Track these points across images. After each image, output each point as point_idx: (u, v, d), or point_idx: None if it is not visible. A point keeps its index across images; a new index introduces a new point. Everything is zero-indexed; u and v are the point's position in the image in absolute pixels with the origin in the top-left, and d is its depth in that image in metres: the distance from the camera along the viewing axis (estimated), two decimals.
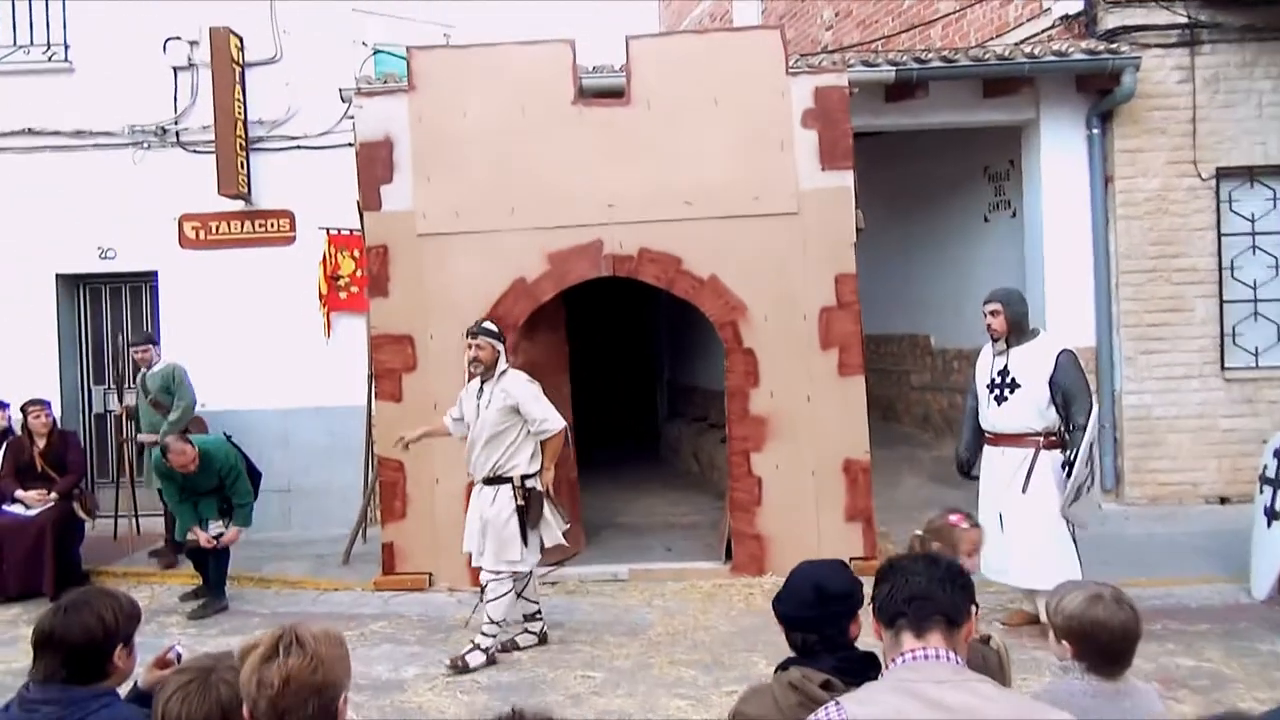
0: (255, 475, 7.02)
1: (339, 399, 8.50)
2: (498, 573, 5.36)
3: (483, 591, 5.46)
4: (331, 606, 6.66)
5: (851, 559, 6.46)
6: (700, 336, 10.13)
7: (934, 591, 2.06)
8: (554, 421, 5.38)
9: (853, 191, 6.85)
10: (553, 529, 5.48)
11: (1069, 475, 5.23)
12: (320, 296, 8.63)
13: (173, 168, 8.84)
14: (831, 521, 6.75)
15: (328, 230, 8.58)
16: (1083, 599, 2.38)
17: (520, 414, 5.34)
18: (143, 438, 7.80)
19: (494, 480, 5.36)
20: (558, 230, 6.92)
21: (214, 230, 8.87)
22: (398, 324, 7.00)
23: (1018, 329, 5.47)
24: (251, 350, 8.73)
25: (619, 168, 6.90)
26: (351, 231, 8.45)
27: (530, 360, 7.19)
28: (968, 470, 5.72)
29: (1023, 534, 5.30)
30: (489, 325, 5.50)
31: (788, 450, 6.81)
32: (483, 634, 5.39)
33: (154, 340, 8.04)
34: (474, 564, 5.57)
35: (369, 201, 7.06)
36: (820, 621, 2.36)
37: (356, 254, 8.53)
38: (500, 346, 5.44)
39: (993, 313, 5.47)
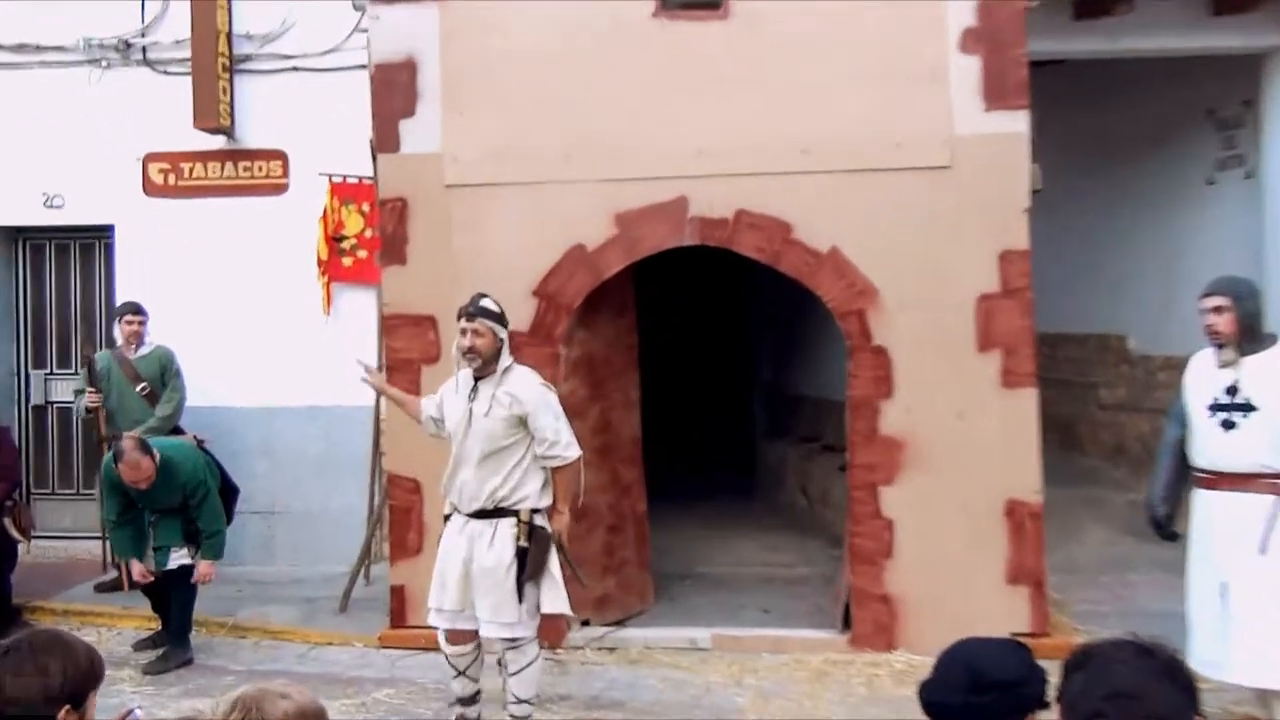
0: (231, 493, 7.12)
1: (340, 397, 8.59)
2: (514, 639, 5.30)
3: (499, 663, 5.44)
4: (324, 666, 6.71)
5: (1012, 634, 6.29)
6: (814, 330, 10.03)
7: (1145, 688, 2.04)
8: (568, 447, 5.28)
9: (1027, 140, 6.71)
10: (558, 590, 5.34)
11: None
12: (319, 263, 8.74)
13: (137, 93, 9.01)
14: (987, 583, 6.62)
15: (330, 177, 8.67)
16: None
17: (527, 427, 5.26)
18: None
19: (490, 514, 5.27)
20: (628, 184, 6.90)
21: (186, 174, 9.02)
22: (417, 301, 7.04)
23: (1250, 333, 5.31)
24: (230, 329, 8.89)
25: (712, 103, 6.85)
26: (361, 180, 8.52)
27: (588, 354, 7.17)
28: (1165, 526, 5.56)
29: (1257, 613, 5.10)
30: (489, 303, 5.39)
31: (930, 485, 6.70)
32: (514, 717, 5.41)
33: (144, 311, 8.19)
34: (444, 624, 5.43)
35: (385, 141, 7.10)
36: (971, 716, 2.36)
37: (366, 209, 8.61)
38: (504, 334, 5.35)
39: (1216, 309, 5.32)
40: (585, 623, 6.00)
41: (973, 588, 6.61)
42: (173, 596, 6.81)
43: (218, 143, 8.90)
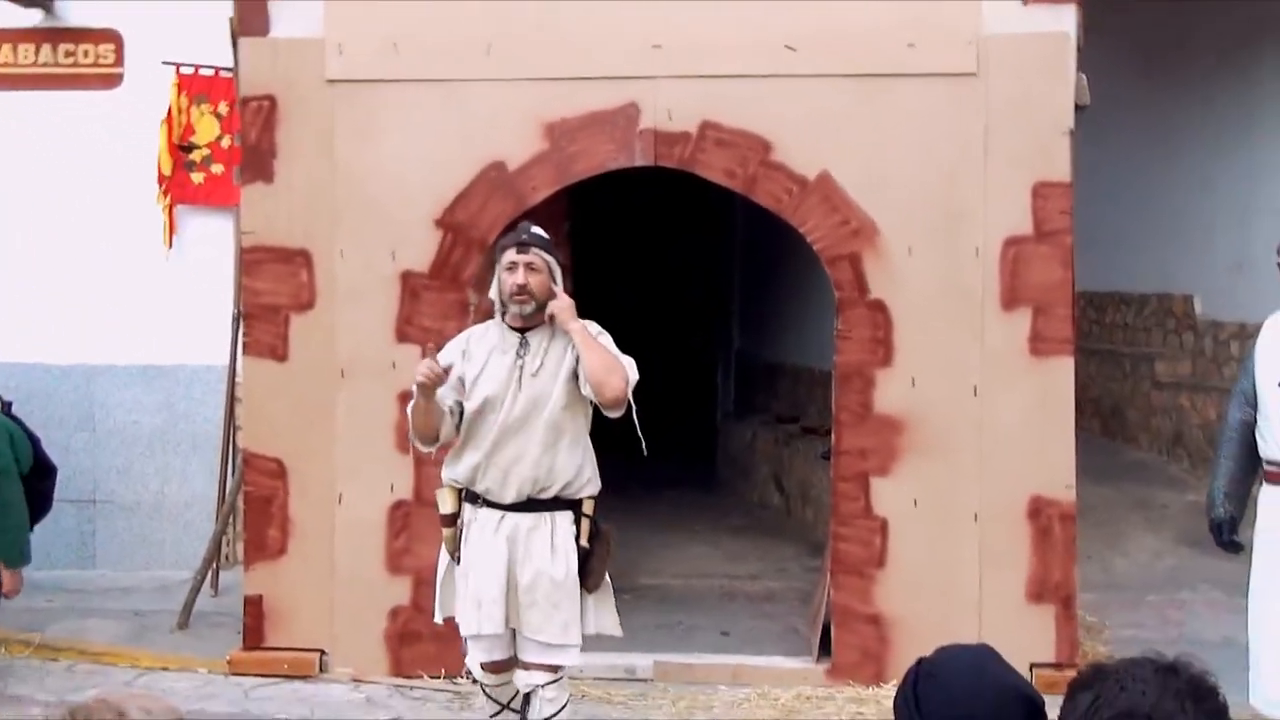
0: (47, 473, 6.98)
1: (183, 353, 8.58)
2: (557, 668, 5.23)
3: (526, 703, 5.31)
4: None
5: (1034, 666, 6.41)
6: (796, 280, 10.08)
7: (1164, 711, 2.10)
8: (631, 365, 5.20)
9: (1074, 43, 6.77)
10: (609, 604, 5.36)
11: None
12: (160, 179, 8.68)
13: None
14: (1004, 600, 6.71)
15: (177, 68, 8.61)
16: None
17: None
18: None
19: (540, 505, 5.20)
20: (562, 85, 6.89)
21: None
22: (287, 230, 7.01)
23: None
24: (42, 263, 8.81)
25: None
26: (217, 72, 8.48)
27: None
28: (1229, 532, 5.65)
29: None
30: (540, 231, 5.29)
31: (935, 477, 6.78)
32: None
33: None
34: (484, 655, 5.30)
35: (249, 21, 7.05)
36: None
37: (224, 110, 8.55)
38: (559, 272, 5.25)
39: None
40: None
41: (986, 606, 6.68)
42: None
43: (32, 19, 8.79)
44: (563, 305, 5.13)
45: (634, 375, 5.14)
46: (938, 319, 6.79)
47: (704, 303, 13.81)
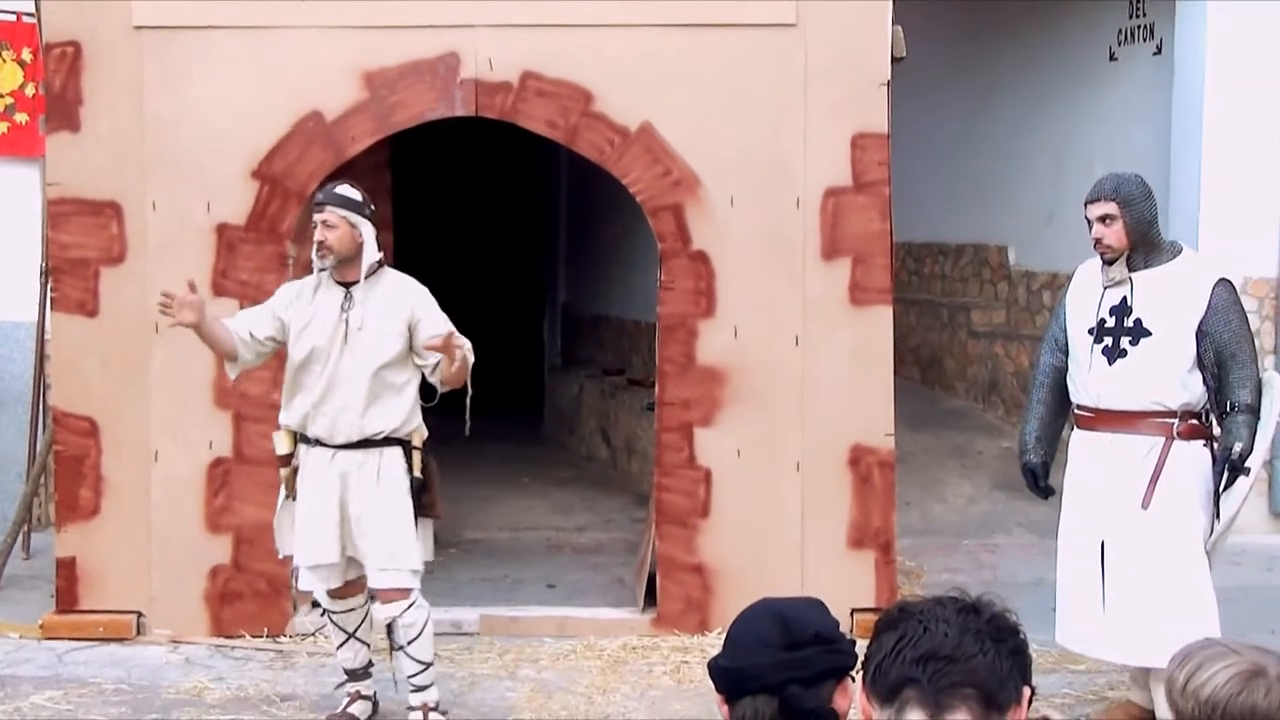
0: None
1: None
2: (407, 590, 5.58)
3: (389, 631, 5.64)
4: None
5: (855, 611, 6.55)
6: (621, 232, 10.10)
7: (966, 650, 2.15)
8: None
9: None
10: (429, 535, 5.76)
11: (1225, 486, 5.32)
12: None
13: None
14: (826, 547, 6.82)
15: None
16: (1231, 677, 2.41)
17: (412, 337, 5.55)
18: None
19: (370, 444, 5.54)
20: (381, 33, 6.82)
21: None
22: (95, 181, 6.86)
23: (1145, 242, 5.53)
24: None
25: None
26: (19, 16, 8.28)
27: None
28: (1041, 477, 5.80)
29: (1139, 578, 5.40)
30: (348, 190, 5.60)
31: (758, 427, 6.85)
32: (417, 688, 5.66)
33: None
34: (321, 583, 5.67)
35: None
36: (786, 676, 2.44)
37: (28, 56, 8.36)
38: (367, 228, 5.55)
39: (1102, 218, 5.49)
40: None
41: (807, 554, 6.79)
42: None
43: None
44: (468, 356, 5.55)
45: (472, 359, 5.60)
46: (759, 269, 6.84)
47: (529, 254, 13.79)
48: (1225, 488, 5.33)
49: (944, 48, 9.84)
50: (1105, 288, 5.55)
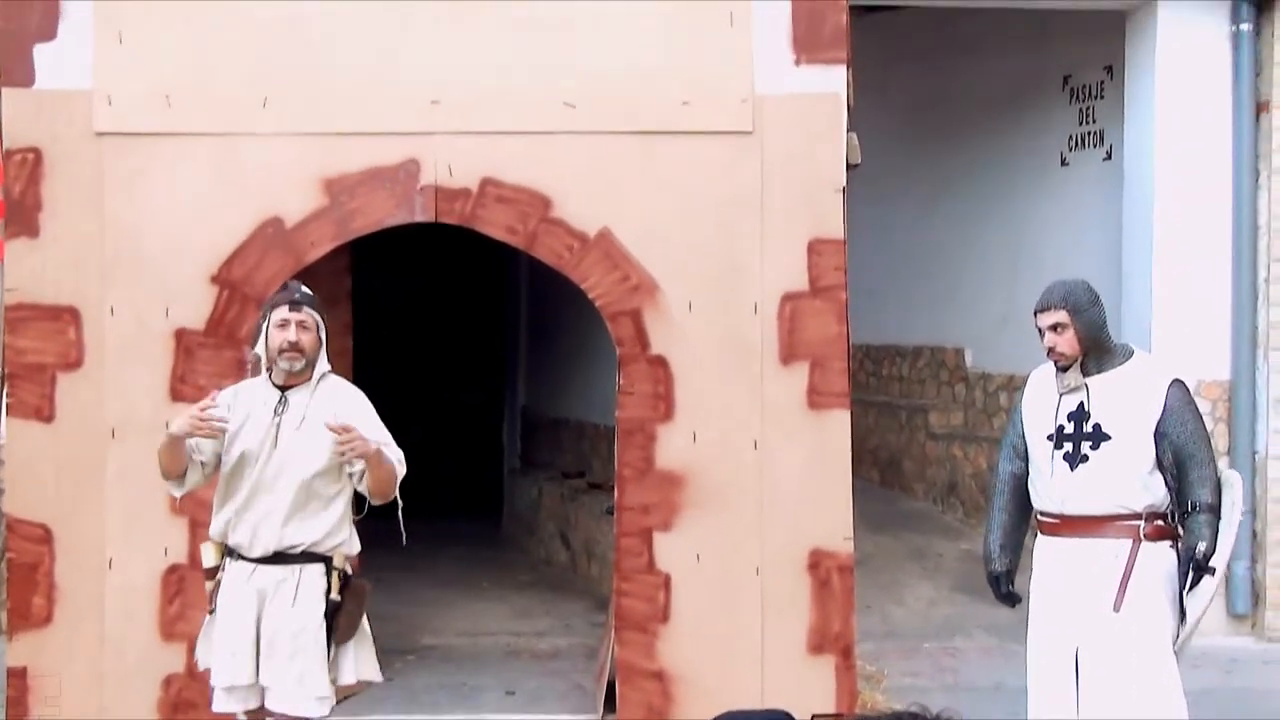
0: None
1: None
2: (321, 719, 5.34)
3: None
4: None
5: (816, 717, 6.46)
6: (579, 337, 10.11)
7: None
8: (400, 459, 5.42)
9: (845, 103, 6.92)
10: (369, 652, 5.47)
11: (1190, 587, 5.34)
12: None
13: None
14: (786, 652, 6.78)
15: None
16: None
17: None
18: None
19: (289, 559, 5.30)
20: (342, 140, 6.84)
21: None
22: (54, 286, 6.82)
23: (1097, 347, 5.57)
24: None
25: (453, 39, 6.86)
26: None
27: None
28: (1007, 584, 5.79)
29: (1111, 682, 5.38)
30: (309, 290, 5.48)
31: (717, 532, 6.83)
32: None
33: None
34: (238, 706, 5.40)
35: (13, 71, 6.85)
36: None
37: None
38: (324, 329, 5.43)
39: (1053, 326, 5.51)
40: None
41: (768, 659, 6.74)
42: None
43: None
44: (369, 449, 5.25)
45: (402, 470, 5.39)
46: (718, 374, 6.85)
47: (489, 358, 13.78)
48: (1191, 588, 5.34)
49: (899, 153, 9.96)
50: (1061, 394, 5.59)
